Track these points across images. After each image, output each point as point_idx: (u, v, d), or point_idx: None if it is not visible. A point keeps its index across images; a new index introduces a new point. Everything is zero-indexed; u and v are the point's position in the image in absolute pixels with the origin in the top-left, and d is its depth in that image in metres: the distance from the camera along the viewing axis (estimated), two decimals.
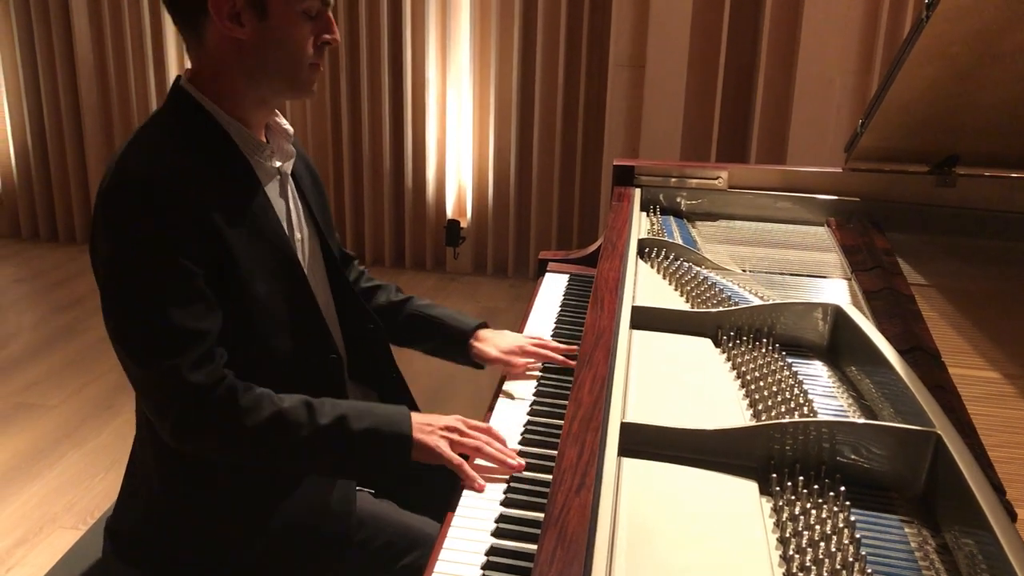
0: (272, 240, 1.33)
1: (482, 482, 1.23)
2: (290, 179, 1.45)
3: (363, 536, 1.43)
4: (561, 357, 1.58)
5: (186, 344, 1.21)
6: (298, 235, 1.43)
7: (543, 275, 2.07)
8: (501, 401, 1.50)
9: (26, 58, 4.84)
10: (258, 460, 1.31)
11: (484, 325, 1.67)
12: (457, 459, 1.26)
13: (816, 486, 1.02)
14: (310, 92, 1.36)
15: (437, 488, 1.31)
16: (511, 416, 1.44)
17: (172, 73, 4.65)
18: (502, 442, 1.30)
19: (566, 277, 2.04)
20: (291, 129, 1.45)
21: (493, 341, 1.63)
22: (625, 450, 1.09)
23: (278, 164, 1.40)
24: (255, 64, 1.30)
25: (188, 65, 1.36)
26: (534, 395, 1.51)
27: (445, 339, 1.66)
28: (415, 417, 1.32)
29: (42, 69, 4.84)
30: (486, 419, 1.43)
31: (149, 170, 1.23)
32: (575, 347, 1.59)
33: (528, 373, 1.58)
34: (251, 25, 1.26)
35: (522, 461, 1.26)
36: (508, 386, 1.55)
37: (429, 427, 1.31)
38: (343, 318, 1.53)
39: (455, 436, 1.29)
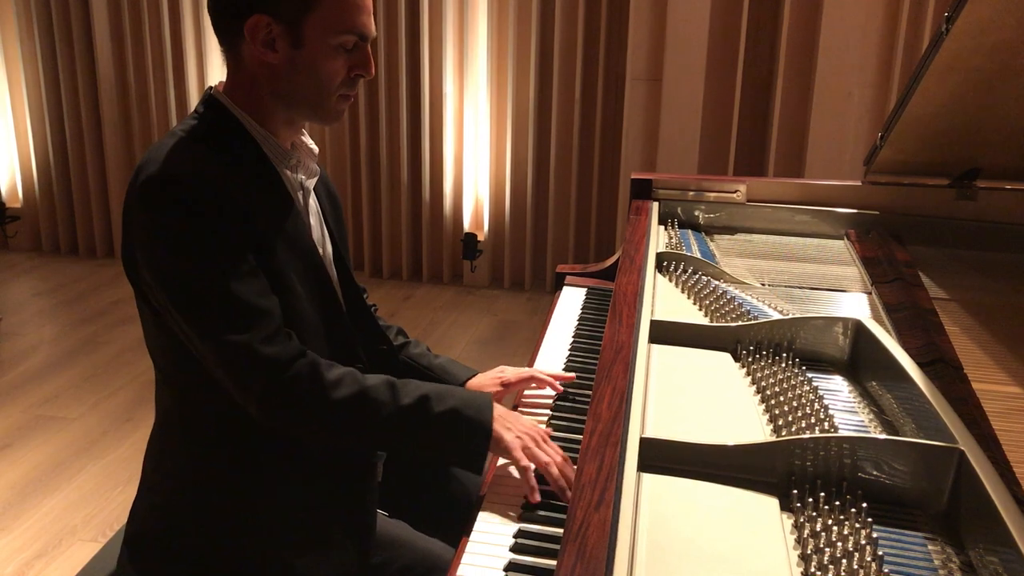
0: (302, 246, 1.36)
1: (538, 496, 1.24)
2: (312, 195, 1.46)
3: (382, 559, 1.43)
4: (552, 381, 1.57)
5: (256, 318, 1.24)
6: (321, 251, 1.45)
7: (560, 289, 2.07)
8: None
9: (48, 74, 4.90)
10: (341, 435, 1.33)
11: (473, 374, 1.65)
12: (525, 462, 1.27)
13: (838, 502, 1.01)
14: (336, 120, 1.38)
15: (449, 508, 1.31)
16: None
17: (192, 88, 4.69)
18: (570, 474, 1.29)
19: (584, 291, 2.04)
20: (316, 148, 1.47)
21: (482, 389, 1.59)
22: (644, 465, 1.08)
23: (302, 178, 1.42)
24: (285, 88, 1.32)
25: (208, 80, 1.38)
26: (552, 410, 1.50)
27: None
28: (498, 409, 1.34)
29: (64, 85, 4.89)
30: None
31: (187, 168, 1.26)
32: (567, 376, 1.59)
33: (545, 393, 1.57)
34: (284, 52, 1.29)
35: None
36: (526, 401, 1.54)
37: (510, 424, 1.33)
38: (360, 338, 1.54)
39: (531, 444, 1.31)
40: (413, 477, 1.61)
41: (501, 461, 1.35)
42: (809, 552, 0.94)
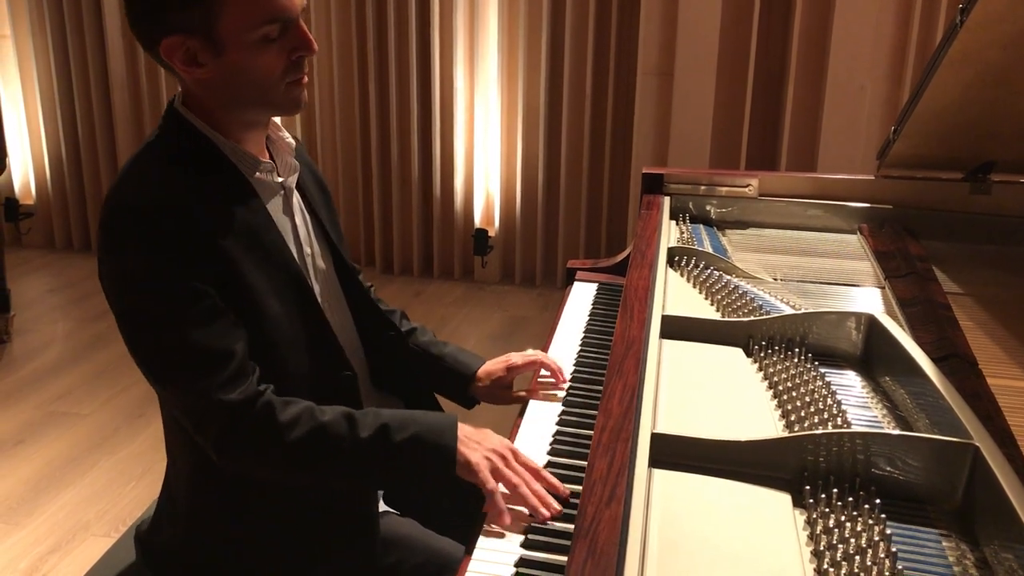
0: (278, 259, 1.31)
1: (508, 519, 1.19)
2: (295, 193, 1.42)
3: (393, 559, 1.42)
4: (551, 367, 1.56)
5: (213, 364, 1.21)
6: (307, 250, 1.41)
7: (571, 284, 2.06)
8: (529, 412, 1.49)
9: (60, 71, 4.91)
10: (300, 475, 1.30)
11: (482, 363, 1.63)
12: (492, 484, 1.22)
13: (851, 498, 1.01)
14: (297, 108, 1.31)
15: (460, 508, 1.30)
16: (540, 427, 1.44)
17: None
18: (551, 485, 1.24)
19: (594, 286, 2.03)
20: (292, 142, 1.43)
21: (489, 378, 1.59)
22: (656, 461, 1.08)
23: (280, 179, 1.38)
24: (228, 96, 1.27)
25: None
26: (563, 405, 1.50)
27: (444, 381, 1.62)
28: (464, 430, 1.29)
29: (76, 82, 4.91)
30: (514, 429, 1.43)
31: (145, 198, 1.22)
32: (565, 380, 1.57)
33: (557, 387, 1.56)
34: (210, 64, 1.23)
35: (558, 508, 1.20)
36: (541, 393, 1.54)
37: (476, 444, 1.27)
38: (363, 329, 1.53)
39: (500, 463, 1.25)
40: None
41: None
42: (822, 548, 0.94)
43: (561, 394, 1.54)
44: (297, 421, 1.24)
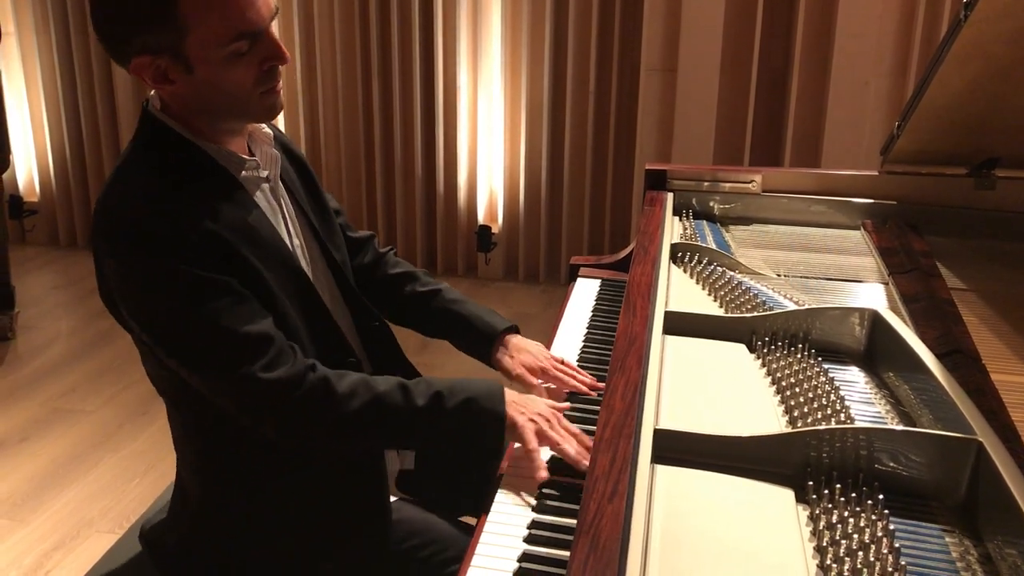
0: (276, 252, 1.32)
1: (545, 474, 1.25)
2: (280, 184, 1.42)
3: (411, 544, 1.44)
4: (584, 388, 1.52)
5: (251, 348, 1.21)
6: (296, 241, 1.41)
7: (574, 280, 2.06)
8: None
9: (64, 68, 4.91)
10: (360, 445, 1.34)
11: (513, 329, 1.62)
12: (535, 444, 1.27)
13: (854, 494, 1.01)
14: (272, 115, 1.32)
15: (477, 497, 1.31)
16: None
17: None
18: (588, 448, 1.27)
19: (598, 282, 2.03)
20: (271, 132, 1.42)
21: (519, 356, 1.57)
22: (658, 457, 1.08)
23: (264, 173, 1.38)
24: (203, 107, 1.27)
25: None
26: (566, 401, 1.50)
27: (469, 340, 1.63)
28: (511, 394, 1.33)
29: (79, 79, 4.91)
30: None
31: (141, 207, 1.22)
32: (600, 384, 1.53)
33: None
34: (181, 80, 1.23)
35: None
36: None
37: (523, 407, 1.32)
38: (353, 318, 1.53)
39: (545, 426, 1.30)
40: (445, 466, 1.61)
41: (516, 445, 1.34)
42: (825, 544, 0.94)
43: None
44: (354, 392, 1.27)
